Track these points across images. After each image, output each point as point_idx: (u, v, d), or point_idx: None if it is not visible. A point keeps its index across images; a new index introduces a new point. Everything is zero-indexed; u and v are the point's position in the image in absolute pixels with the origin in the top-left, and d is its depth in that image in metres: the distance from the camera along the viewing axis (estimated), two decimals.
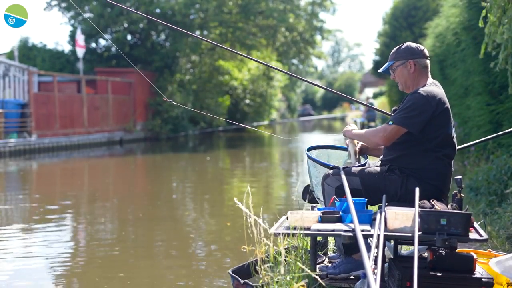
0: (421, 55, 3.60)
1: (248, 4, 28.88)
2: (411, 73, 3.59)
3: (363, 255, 2.37)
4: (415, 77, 3.60)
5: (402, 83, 3.66)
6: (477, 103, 8.68)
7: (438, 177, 3.47)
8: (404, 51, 3.61)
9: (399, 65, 3.61)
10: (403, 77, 3.62)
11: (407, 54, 3.60)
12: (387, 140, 3.47)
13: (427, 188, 3.40)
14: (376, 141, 3.55)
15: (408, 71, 3.59)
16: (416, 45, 3.65)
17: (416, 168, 3.46)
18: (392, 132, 3.45)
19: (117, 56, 29.33)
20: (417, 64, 3.58)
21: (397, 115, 3.48)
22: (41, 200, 10.69)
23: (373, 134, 3.57)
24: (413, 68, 3.58)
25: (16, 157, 18.07)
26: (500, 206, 5.90)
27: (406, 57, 3.59)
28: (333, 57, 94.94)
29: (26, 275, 5.55)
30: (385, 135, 3.46)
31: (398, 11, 29.86)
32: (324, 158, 4.04)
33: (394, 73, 3.67)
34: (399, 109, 3.50)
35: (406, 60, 3.59)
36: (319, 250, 3.89)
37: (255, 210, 3.45)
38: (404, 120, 3.42)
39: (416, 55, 3.59)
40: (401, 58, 3.61)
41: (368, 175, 3.53)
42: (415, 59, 3.58)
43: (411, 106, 3.42)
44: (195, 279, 5.50)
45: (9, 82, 20.67)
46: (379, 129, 3.53)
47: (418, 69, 3.59)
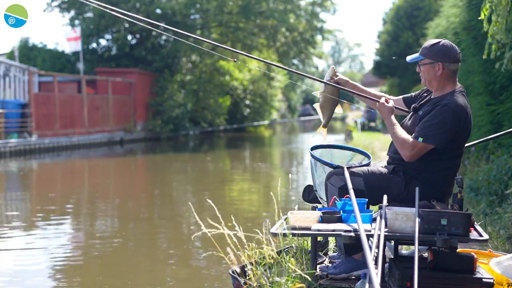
0: (453, 59, 3.41)
1: (249, 5, 28.88)
2: (437, 75, 3.44)
3: (367, 255, 2.36)
4: (441, 80, 3.45)
5: (427, 81, 3.51)
6: (478, 103, 8.67)
7: (443, 181, 3.45)
8: (438, 50, 3.42)
9: (427, 63, 3.45)
10: (428, 76, 3.47)
11: (439, 55, 3.41)
12: (413, 157, 3.36)
13: (430, 191, 3.39)
14: (401, 153, 3.41)
15: (435, 73, 3.44)
16: (452, 46, 3.44)
17: (422, 172, 3.44)
18: (421, 149, 3.33)
19: (117, 56, 29.34)
20: (446, 68, 3.41)
21: (426, 130, 3.32)
22: (42, 200, 10.69)
23: (401, 145, 3.40)
24: (440, 71, 3.42)
25: (17, 157, 18.07)
26: (500, 206, 5.90)
27: (437, 58, 3.41)
28: (334, 57, 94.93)
29: (26, 274, 5.55)
30: (413, 153, 3.34)
31: (401, 11, 29.86)
32: (328, 157, 4.03)
33: (420, 68, 3.51)
34: (429, 124, 3.32)
35: (436, 62, 3.41)
36: (319, 250, 3.88)
37: (255, 210, 3.44)
38: (434, 138, 3.30)
39: (447, 58, 3.40)
40: (431, 56, 3.43)
41: (372, 176, 3.52)
42: (445, 62, 3.41)
43: (441, 122, 3.30)
44: (195, 279, 5.49)
45: (9, 82, 20.68)
46: (408, 144, 3.35)
47: (446, 73, 3.43)
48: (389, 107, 3.56)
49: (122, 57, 29.03)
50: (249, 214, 8.32)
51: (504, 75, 7.40)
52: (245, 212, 8.61)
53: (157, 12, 27.99)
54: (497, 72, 7.64)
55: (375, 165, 3.73)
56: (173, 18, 27.96)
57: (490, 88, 8.18)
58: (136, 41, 29.69)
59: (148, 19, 27.73)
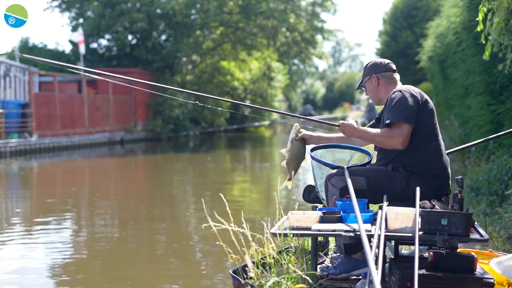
0: (384, 69, 3.77)
1: (249, 4, 28.88)
2: (375, 87, 3.78)
3: (368, 255, 2.36)
4: (381, 90, 3.76)
5: (372, 97, 3.85)
6: (478, 103, 8.68)
7: (437, 168, 3.51)
8: (369, 67, 3.84)
9: (366, 80, 3.83)
10: (371, 92, 3.82)
11: (371, 69, 3.81)
12: (406, 142, 3.47)
13: (429, 184, 3.45)
14: (394, 146, 3.49)
15: (374, 85, 3.79)
16: (381, 60, 3.84)
17: (417, 162, 3.50)
18: (408, 132, 3.46)
19: (118, 56, 29.34)
20: (381, 77, 3.77)
21: (394, 113, 3.47)
22: (42, 200, 10.69)
23: (387, 137, 3.49)
24: (377, 82, 3.77)
25: (17, 157, 18.08)
26: (500, 206, 5.90)
27: (370, 72, 3.81)
28: (334, 57, 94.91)
29: (27, 274, 5.55)
30: (404, 138, 3.45)
31: (398, 11, 29.89)
32: (329, 158, 4.03)
33: (365, 89, 3.87)
34: (389, 109, 3.51)
35: (371, 75, 3.80)
36: (320, 250, 3.88)
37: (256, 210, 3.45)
38: (404, 116, 3.46)
39: (378, 70, 3.78)
40: (367, 74, 3.83)
41: (374, 175, 3.54)
42: (378, 73, 3.77)
43: (399, 101, 3.51)
44: (196, 279, 5.50)
45: (9, 82, 20.68)
46: (394, 134, 3.46)
47: (383, 82, 3.77)
48: (349, 123, 3.73)
49: (123, 57, 29.04)
50: (249, 214, 8.32)
51: (505, 75, 7.40)
52: (245, 212, 8.58)
53: (157, 12, 27.99)
54: (497, 72, 7.64)
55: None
56: (174, 18, 27.96)
57: (490, 88, 8.18)
58: (137, 41, 29.69)
59: (149, 19, 27.79)
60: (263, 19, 30.56)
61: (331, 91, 76.21)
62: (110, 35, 29.42)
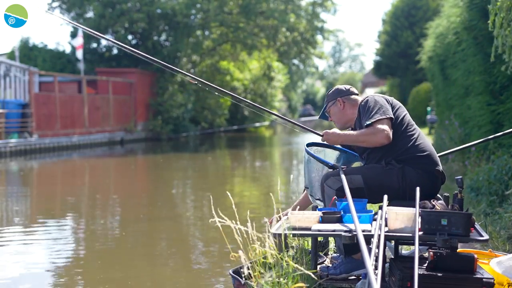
0: (347, 93, 3.88)
1: (249, 4, 28.88)
2: (341, 109, 3.87)
3: (365, 255, 2.36)
4: (347, 111, 3.85)
5: (338, 121, 3.91)
6: (478, 103, 8.67)
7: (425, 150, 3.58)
8: (333, 93, 3.93)
9: (331, 105, 3.91)
10: (336, 115, 3.89)
11: (335, 94, 3.91)
12: (390, 136, 3.53)
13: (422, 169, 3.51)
14: (380, 141, 3.53)
15: (338, 109, 3.87)
16: (344, 86, 3.95)
17: (404, 150, 3.55)
18: (389, 125, 3.55)
19: (118, 56, 29.34)
20: (346, 100, 3.87)
21: (368, 115, 3.58)
22: (42, 200, 10.69)
23: (372, 135, 3.53)
24: (342, 105, 3.86)
25: (17, 157, 18.08)
26: (501, 206, 5.90)
27: (335, 97, 3.90)
28: (334, 57, 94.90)
29: (27, 274, 5.56)
30: (387, 132, 3.50)
31: (398, 11, 29.91)
32: (321, 156, 4.05)
33: (329, 114, 3.95)
34: (366, 113, 3.61)
35: (336, 99, 3.88)
36: (320, 250, 3.88)
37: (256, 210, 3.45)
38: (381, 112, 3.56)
39: (342, 93, 3.88)
40: (330, 99, 3.93)
41: (370, 171, 3.56)
42: (343, 97, 3.87)
43: (372, 103, 3.63)
44: (196, 279, 5.50)
45: (10, 82, 20.68)
46: (377, 130, 3.51)
47: (348, 104, 3.86)
48: (332, 131, 3.79)
49: (123, 57, 29.04)
50: (250, 214, 8.31)
51: (505, 75, 7.40)
52: (245, 212, 8.59)
53: (157, 12, 27.99)
54: (497, 72, 7.64)
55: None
56: (174, 18, 27.96)
57: (490, 88, 8.18)
58: (137, 41, 29.69)
59: (149, 19, 27.79)
60: (263, 19, 30.56)
61: None
62: (110, 35, 29.42)
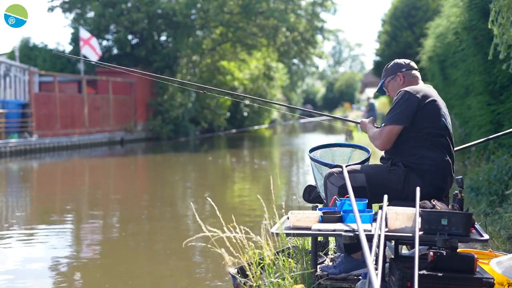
0: (408, 67, 3.81)
1: (249, 4, 28.88)
2: (400, 85, 3.78)
3: (366, 255, 2.36)
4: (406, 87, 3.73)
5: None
6: (478, 103, 8.67)
7: (436, 164, 3.48)
8: (392, 67, 3.86)
9: (390, 80, 3.84)
10: (395, 91, 3.79)
11: (395, 69, 3.83)
12: (385, 144, 3.59)
13: (428, 181, 3.44)
14: (376, 146, 3.66)
15: (398, 84, 3.80)
16: (403, 60, 3.89)
17: (415, 158, 3.49)
18: (387, 134, 3.57)
19: (118, 56, 29.33)
20: (406, 76, 3.79)
21: (387, 116, 3.62)
22: (42, 200, 10.69)
23: (372, 139, 3.70)
24: (402, 80, 3.79)
25: (17, 157, 18.08)
26: (501, 206, 5.90)
27: (394, 71, 3.82)
28: (334, 57, 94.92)
29: (27, 274, 5.56)
30: (381, 140, 3.59)
31: (398, 11, 29.90)
32: (329, 157, 4.04)
33: (387, 89, 3.88)
34: (389, 110, 3.65)
35: (395, 74, 3.81)
36: (320, 250, 3.88)
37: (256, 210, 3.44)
38: (393, 118, 3.56)
39: (403, 68, 3.81)
40: (390, 73, 3.84)
41: (373, 171, 3.56)
42: (403, 72, 3.79)
43: (397, 103, 3.59)
44: (196, 278, 5.50)
45: (10, 82, 20.68)
46: (376, 135, 3.65)
47: (408, 80, 3.78)
48: (364, 121, 3.92)
49: (123, 57, 29.03)
50: (250, 214, 8.32)
51: (505, 75, 7.39)
52: (245, 212, 8.61)
53: (157, 12, 27.99)
54: (497, 72, 7.63)
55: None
56: (174, 18, 27.95)
57: (490, 88, 8.17)
58: (137, 41, 29.69)
59: (149, 19, 27.79)
60: (263, 19, 30.56)
61: (331, 91, 76.22)
62: (110, 35, 29.42)
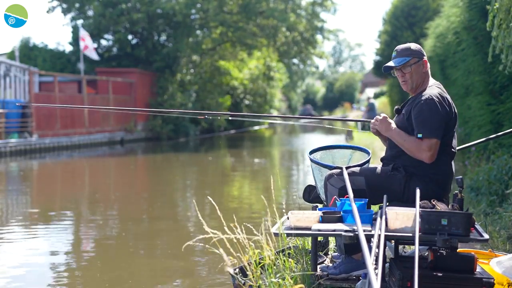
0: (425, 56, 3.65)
1: (249, 4, 28.88)
2: (423, 72, 3.58)
3: (365, 255, 2.36)
4: (425, 77, 3.60)
5: (413, 82, 3.57)
6: (478, 103, 8.67)
7: (440, 174, 3.46)
8: (418, 49, 3.60)
9: (415, 62, 3.56)
10: (416, 75, 3.56)
11: (421, 53, 3.60)
12: (434, 156, 3.37)
13: (429, 187, 3.40)
14: (422, 159, 3.39)
15: (421, 70, 3.57)
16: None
17: (418, 166, 3.44)
18: (436, 147, 3.37)
19: (118, 56, 29.34)
20: (427, 64, 3.62)
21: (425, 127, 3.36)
22: (42, 200, 10.69)
23: (416, 149, 3.39)
24: (426, 67, 3.59)
25: (17, 157, 18.08)
26: (501, 206, 5.89)
27: (421, 55, 3.58)
28: (334, 57, 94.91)
29: (26, 274, 5.55)
30: (432, 153, 3.35)
31: (398, 11, 29.89)
32: (329, 159, 4.04)
33: (404, 70, 3.56)
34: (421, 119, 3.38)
35: (421, 59, 3.57)
36: (320, 250, 3.88)
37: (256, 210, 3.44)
38: (436, 132, 3.36)
39: (425, 56, 3.63)
40: (417, 55, 3.57)
41: (373, 174, 3.52)
42: (426, 58, 3.62)
43: (432, 112, 3.37)
44: (196, 279, 5.49)
45: (10, 82, 20.68)
46: (423, 146, 3.37)
47: (427, 70, 3.62)
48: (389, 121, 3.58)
49: (123, 57, 29.03)
50: (250, 214, 8.32)
51: (505, 74, 7.39)
52: (245, 212, 8.61)
53: (157, 12, 27.99)
54: (497, 72, 7.63)
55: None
56: (174, 18, 27.95)
57: (490, 88, 8.17)
58: (137, 41, 29.69)
59: (149, 18, 27.78)
60: (263, 19, 30.56)
61: (331, 91, 76.22)
62: (110, 35, 29.42)
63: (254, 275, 3.29)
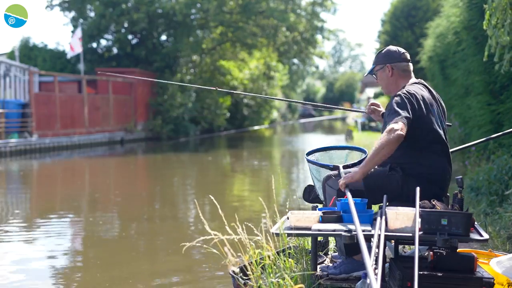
0: (399, 59, 3.60)
1: (249, 4, 28.90)
2: (389, 77, 3.62)
3: (364, 254, 2.36)
4: (394, 81, 3.61)
5: (384, 87, 3.70)
6: (478, 103, 8.67)
7: (437, 172, 3.45)
8: (383, 55, 3.65)
9: (378, 69, 3.66)
10: (382, 81, 3.66)
11: (385, 58, 3.63)
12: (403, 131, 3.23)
13: (427, 187, 3.39)
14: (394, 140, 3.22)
15: (387, 76, 3.63)
16: (396, 49, 3.65)
17: (415, 165, 3.44)
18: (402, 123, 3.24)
19: (118, 56, 29.34)
20: (395, 68, 3.60)
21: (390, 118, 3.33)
22: (42, 200, 10.69)
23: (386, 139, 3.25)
24: (390, 72, 3.61)
25: (17, 157, 18.08)
26: (501, 206, 5.89)
27: (384, 61, 3.63)
28: (334, 57, 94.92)
29: (26, 274, 5.55)
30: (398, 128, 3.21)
31: (398, 11, 29.91)
32: (326, 160, 4.04)
33: (375, 77, 3.71)
34: (388, 115, 3.37)
35: (384, 65, 3.62)
36: (320, 250, 3.88)
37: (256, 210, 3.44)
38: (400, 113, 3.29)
39: (394, 59, 3.60)
40: (380, 62, 3.65)
41: (371, 175, 3.50)
42: (392, 63, 3.60)
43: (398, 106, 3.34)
44: (196, 279, 5.49)
45: (10, 82, 20.68)
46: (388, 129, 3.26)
47: (397, 73, 3.60)
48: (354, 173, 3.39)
49: (123, 57, 29.04)
50: (250, 214, 8.32)
51: (505, 74, 7.39)
52: (245, 212, 8.61)
53: (157, 12, 28.00)
54: (497, 72, 7.63)
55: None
56: (174, 18, 27.96)
57: (490, 88, 8.17)
58: (137, 41, 29.70)
59: (149, 18, 27.80)
60: (263, 19, 30.57)
61: (331, 91, 76.28)
62: (110, 35, 29.43)
63: (254, 275, 3.29)
